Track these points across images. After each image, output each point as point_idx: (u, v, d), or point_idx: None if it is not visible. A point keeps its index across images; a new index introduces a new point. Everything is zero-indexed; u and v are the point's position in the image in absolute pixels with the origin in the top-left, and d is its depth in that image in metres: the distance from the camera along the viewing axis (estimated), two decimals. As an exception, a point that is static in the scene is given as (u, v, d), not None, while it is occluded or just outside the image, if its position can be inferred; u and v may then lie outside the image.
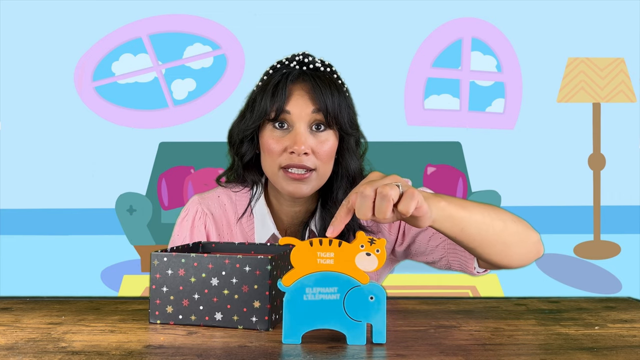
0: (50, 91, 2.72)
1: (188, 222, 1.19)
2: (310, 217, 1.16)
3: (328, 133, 1.08)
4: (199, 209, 1.19)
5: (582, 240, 2.79)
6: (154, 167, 2.76)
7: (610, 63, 2.78)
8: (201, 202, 1.20)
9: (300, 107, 1.06)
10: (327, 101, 1.06)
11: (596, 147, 2.79)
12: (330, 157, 1.09)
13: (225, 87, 2.78)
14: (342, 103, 1.08)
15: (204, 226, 1.18)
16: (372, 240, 0.74)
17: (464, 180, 2.80)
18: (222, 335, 0.79)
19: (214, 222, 1.18)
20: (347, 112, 1.09)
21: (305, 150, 1.05)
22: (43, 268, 2.68)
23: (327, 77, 1.09)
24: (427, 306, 1.00)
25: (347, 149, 1.11)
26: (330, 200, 1.13)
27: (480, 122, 2.81)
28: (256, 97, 1.10)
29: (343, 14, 2.74)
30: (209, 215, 1.18)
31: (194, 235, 1.18)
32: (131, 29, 2.76)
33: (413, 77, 2.81)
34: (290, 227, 1.19)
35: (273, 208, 1.18)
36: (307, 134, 1.06)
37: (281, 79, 1.08)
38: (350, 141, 1.11)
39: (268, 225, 1.15)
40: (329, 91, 1.06)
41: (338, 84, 1.10)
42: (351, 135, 1.11)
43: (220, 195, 1.20)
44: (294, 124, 1.07)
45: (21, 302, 1.00)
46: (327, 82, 1.08)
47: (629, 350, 0.74)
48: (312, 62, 1.11)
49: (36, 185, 2.70)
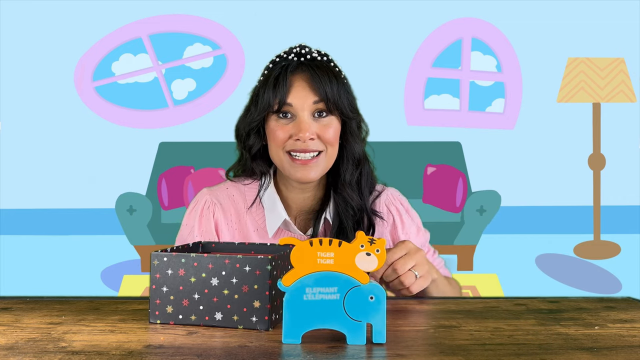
0: (50, 91, 2.72)
1: (197, 211, 1.20)
2: (322, 206, 1.19)
3: (330, 118, 1.13)
4: (208, 199, 1.21)
5: (582, 240, 2.79)
6: (154, 167, 2.76)
7: (610, 63, 2.78)
8: (210, 193, 1.22)
9: (302, 97, 1.10)
10: (326, 89, 1.10)
11: (596, 147, 2.79)
12: (335, 139, 1.13)
13: (225, 87, 2.78)
14: (341, 89, 1.12)
15: (212, 215, 1.20)
16: (372, 240, 0.74)
17: (464, 180, 2.80)
18: (222, 335, 0.79)
19: (223, 212, 1.20)
20: (347, 97, 1.14)
21: (311, 136, 1.10)
22: (43, 268, 2.68)
23: (325, 65, 1.14)
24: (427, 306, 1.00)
25: (350, 133, 1.16)
26: (340, 184, 1.18)
27: (480, 122, 2.81)
28: (259, 91, 1.14)
29: (343, 14, 2.74)
30: (217, 205, 1.20)
31: (202, 224, 1.19)
32: (131, 29, 2.76)
33: (413, 77, 2.81)
34: (300, 215, 1.21)
35: (282, 196, 1.20)
36: (310, 121, 1.11)
37: (281, 71, 1.12)
38: (352, 125, 1.16)
39: (278, 211, 1.17)
40: (327, 79, 1.11)
41: (335, 72, 1.14)
42: (352, 119, 1.15)
43: (229, 187, 1.23)
44: (297, 113, 1.11)
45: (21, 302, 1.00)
46: (325, 71, 1.12)
47: (629, 350, 0.74)
48: (309, 53, 1.16)
49: (36, 185, 2.70)
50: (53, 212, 2.71)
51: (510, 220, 2.78)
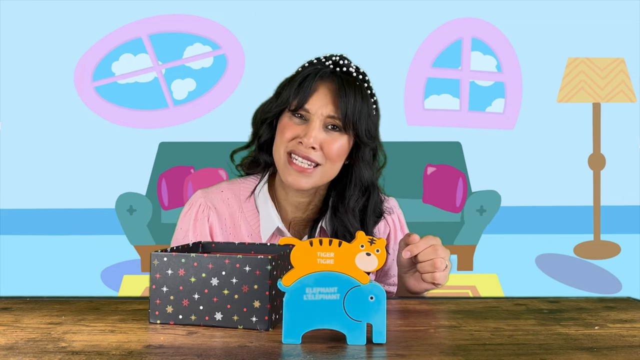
0: (50, 91, 2.72)
1: (191, 215, 1.19)
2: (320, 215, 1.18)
3: (341, 135, 1.11)
4: (202, 203, 1.19)
5: (582, 240, 2.79)
6: (154, 167, 2.76)
7: (610, 63, 2.78)
8: (204, 196, 1.21)
9: (320, 106, 1.09)
10: (347, 105, 1.08)
11: (596, 147, 2.79)
12: (337, 157, 1.11)
13: (225, 87, 2.78)
14: (363, 110, 1.10)
15: (207, 219, 1.18)
16: (372, 240, 0.74)
17: (464, 180, 2.80)
18: (222, 335, 0.79)
19: (217, 216, 1.19)
20: (367, 120, 1.11)
21: (313, 145, 1.08)
22: (43, 268, 2.68)
23: (357, 83, 1.11)
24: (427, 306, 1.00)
25: (361, 158, 1.14)
26: (341, 207, 1.16)
27: (480, 122, 2.81)
28: (285, 85, 1.14)
29: (343, 14, 2.74)
30: (212, 209, 1.19)
31: (197, 228, 1.18)
32: (131, 29, 2.76)
33: (413, 77, 2.81)
34: (295, 220, 1.20)
35: (279, 199, 1.19)
36: (319, 129, 1.09)
37: (310, 74, 1.11)
38: (366, 151, 1.14)
39: (272, 217, 1.16)
40: (352, 96, 1.09)
41: (365, 92, 1.12)
42: (367, 144, 1.13)
43: (224, 190, 1.21)
44: (311, 118, 1.10)
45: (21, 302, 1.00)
46: (353, 87, 1.10)
47: (629, 350, 0.74)
48: (347, 66, 1.14)
49: (36, 185, 2.70)
50: (53, 212, 2.72)
51: (510, 220, 2.78)
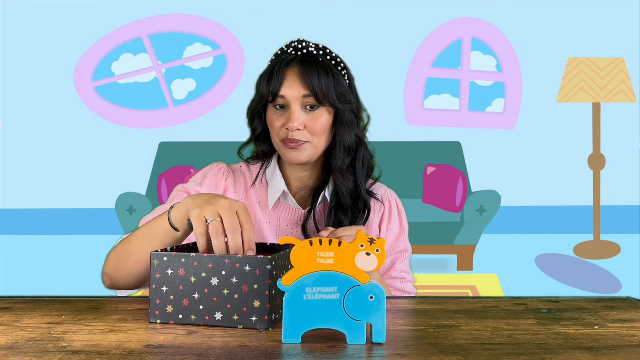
0: (51, 91, 2.72)
1: (211, 170, 1.29)
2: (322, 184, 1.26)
3: (321, 110, 1.19)
4: (224, 167, 1.30)
5: (582, 240, 2.79)
6: (154, 167, 2.76)
7: (610, 63, 2.78)
8: (225, 165, 1.32)
9: (292, 91, 1.18)
10: (314, 83, 1.17)
11: (596, 147, 2.79)
12: (322, 131, 1.20)
13: (225, 87, 2.78)
14: (330, 82, 1.18)
15: (224, 179, 1.28)
16: (372, 240, 0.74)
17: (464, 180, 2.80)
18: (222, 335, 0.79)
19: (234, 182, 1.29)
20: (336, 89, 1.19)
21: (298, 127, 1.17)
22: (43, 268, 2.68)
23: (319, 59, 1.20)
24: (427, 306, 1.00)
25: (341, 122, 1.22)
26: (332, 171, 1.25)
27: (480, 122, 2.81)
28: (260, 81, 1.23)
29: (343, 14, 2.74)
30: (230, 174, 1.29)
31: (213, 182, 1.27)
32: (131, 29, 2.76)
33: (413, 77, 2.81)
34: (300, 192, 1.28)
35: (285, 174, 1.29)
36: (300, 112, 1.18)
37: (277, 64, 1.19)
38: (345, 115, 1.21)
39: (278, 183, 1.26)
40: (316, 73, 1.17)
41: (327, 65, 1.20)
42: (344, 109, 1.20)
43: (242, 166, 1.33)
44: (289, 105, 1.18)
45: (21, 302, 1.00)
46: (316, 65, 1.18)
47: (629, 350, 0.74)
48: (306, 47, 1.22)
49: (36, 185, 2.70)
50: (53, 212, 2.72)
51: (510, 220, 2.78)
